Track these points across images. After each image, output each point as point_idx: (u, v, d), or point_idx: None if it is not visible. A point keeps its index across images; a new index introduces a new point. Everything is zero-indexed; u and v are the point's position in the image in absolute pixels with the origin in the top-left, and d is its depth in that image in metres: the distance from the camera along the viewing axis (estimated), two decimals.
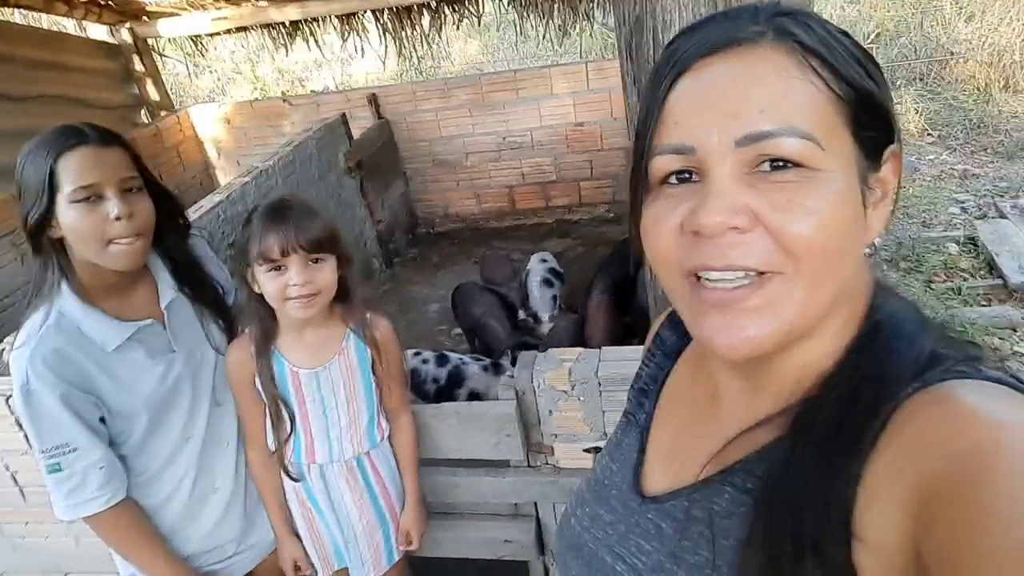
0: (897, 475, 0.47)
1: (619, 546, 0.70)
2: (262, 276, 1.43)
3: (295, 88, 9.92)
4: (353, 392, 1.59)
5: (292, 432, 1.58)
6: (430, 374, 3.04)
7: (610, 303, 3.56)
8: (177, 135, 5.42)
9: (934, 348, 0.54)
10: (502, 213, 5.65)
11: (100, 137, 1.35)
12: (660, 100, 0.57)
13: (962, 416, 0.47)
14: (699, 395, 0.72)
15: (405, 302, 4.77)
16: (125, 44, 5.37)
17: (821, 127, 0.52)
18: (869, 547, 0.48)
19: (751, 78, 0.53)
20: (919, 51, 7.44)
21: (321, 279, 1.44)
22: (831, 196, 0.52)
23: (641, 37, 1.29)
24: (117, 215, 1.32)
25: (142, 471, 1.52)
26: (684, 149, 0.55)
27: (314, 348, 1.55)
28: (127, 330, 1.44)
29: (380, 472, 1.69)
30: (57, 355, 1.35)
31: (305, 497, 1.65)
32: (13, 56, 4.42)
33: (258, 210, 1.46)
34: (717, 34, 0.55)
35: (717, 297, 0.55)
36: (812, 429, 0.54)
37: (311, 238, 1.40)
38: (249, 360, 1.54)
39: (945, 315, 3.49)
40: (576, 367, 1.70)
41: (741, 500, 0.58)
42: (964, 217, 4.57)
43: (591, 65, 4.97)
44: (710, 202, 0.53)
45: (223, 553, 1.67)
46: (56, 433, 1.37)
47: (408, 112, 5.34)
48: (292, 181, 3.97)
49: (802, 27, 0.54)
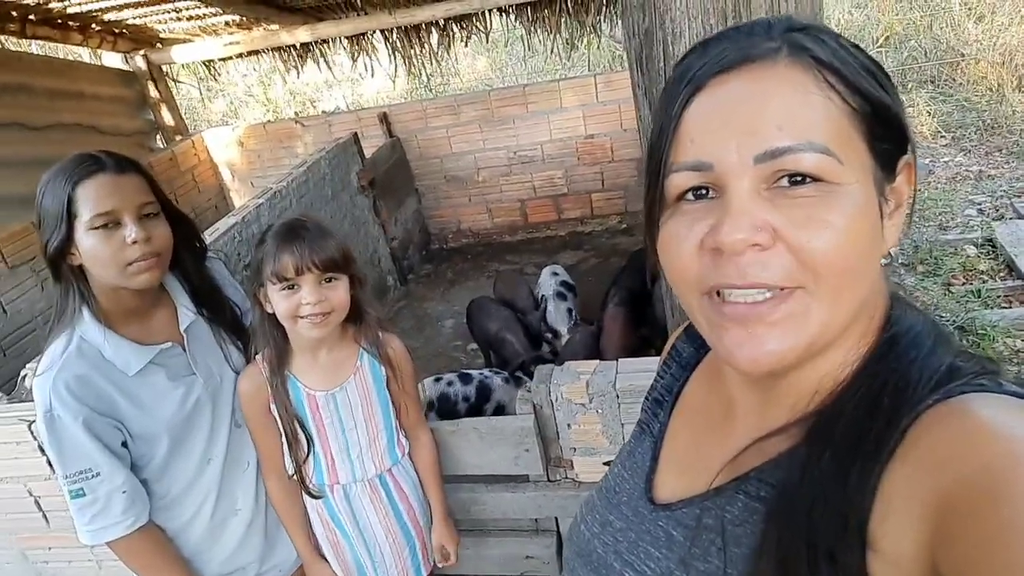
0: (915, 488, 0.47)
1: (628, 553, 0.69)
2: (275, 295, 1.43)
3: (307, 109, 10.03)
4: (371, 411, 1.59)
5: (310, 454, 1.58)
6: (460, 394, 3.04)
7: (626, 315, 3.54)
8: (192, 159, 5.50)
9: (952, 361, 0.54)
10: (515, 227, 5.66)
11: (117, 164, 1.37)
12: (675, 118, 0.57)
13: (980, 430, 0.46)
14: (714, 406, 0.72)
15: (420, 319, 4.78)
16: (140, 71, 5.47)
17: (838, 141, 0.52)
18: (884, 558, 0.47)
19: (768, 95, 0.53)
20: (929, 54, 7.41)
21: (334, 298, 1.44)
22: (850, 210, 0.52)
23: (651, 49, 1.29)
24: (134, 239, 1.34)
25: (164, 494, 1.53)
26: (702, 166, 0.55)
27: (328, 370, 1.56)
28: (148, 354, 1.45)
29: (403, 488, 1.69)
30: (79, 381, 1.36)
31: (328, 518, 1.65)
32: (31, 86, 4.52)
33: (272, 229, 1.46)
34: (731, 51, 0.55)
35: (739, 312, 0.55)
36: (830, 438, 0.54)
37: (325, 257, 1.41)
38: (263, 386, 1.54)
39: (966, 318, 3.44)
40: (593, 380, 1.70)
41: (754, 508, 0.58)
42: (981, 219, 4.53)
43: (600, 77, 4.99)
44: (731, 220, 0.53)
45: (245, 574, 1.67)
46: (79, 458, 1.38)
47: (419, 129, 5.38)
48: (306, 201, 4.01)
49: (816, 42, 0.55)
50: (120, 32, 5.19)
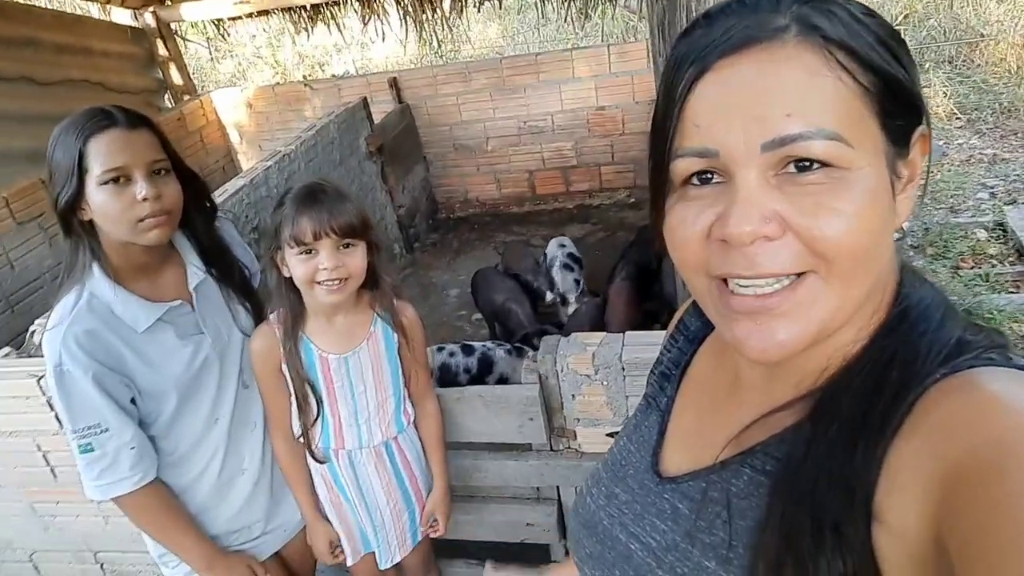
0: (922, 460, 0.47)
1: (634, 525, 0.70)
2: (292, 259, 1.43)
3: (315, 72, 9.93)
4: (380, 377, 1.60)
5: (319, 417, 1.59)
6: (461, 365, 3.06)
7: (631, 289, 3.54)
8: (200, 119, 5.46)
9: (961, 335, 0.53)
10: (522, 198, 5.64)
11: (128, 120, 1.36)
12: (679, 101, 0.55)
13: (988, 403, 0.46)
14: (721, 380, 0.72)
15: (425, 287, 4.78)
16: (149, 28, 5.41)
17: (849, 124, 0.51)
18: (890, 529, 0.47)
19: (776, 78, 0.51)
20: (948, 33, 7.28)
21: (352, 264, 1.44)
22: (860, 195, 0.51)
23: (674, 14, 1.26)
24: (144, 196, 1.33)
25: (171, 451, 1.54)
26: (707, 152, 0.54)
27: (343, 334, 1.56)
28: (157, 311, 1.45)
29: (407, 456, 1.70)
30: (89, 336, 1.37)
31: (332, 482, 1.67)
32: (39, 40, 4.47)
33: (291, 193, 1.45)
34: (738, 29, 0.53)
35: (747, 304, 0.54)
36: (837, 411, 0.54)
37: (344, 223, 1.40)
38: (275, 347, 1.54)
39: (973, 302, 3.43)
40: (599, 351, 1.70)
41: (760, 482, 0.58)
42: (993, 202, 4.49)
43: (613, 48, 4.93)
44: (738, 210, 0.52)
45: (250, 533, 1.69)
46: (88, 413, 1.39)
47: (429, 96, 5.33)
48: (314, 165, 3.99)
49: (826, 16, 0.52)
50: None
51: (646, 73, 4.85)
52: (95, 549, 2.31)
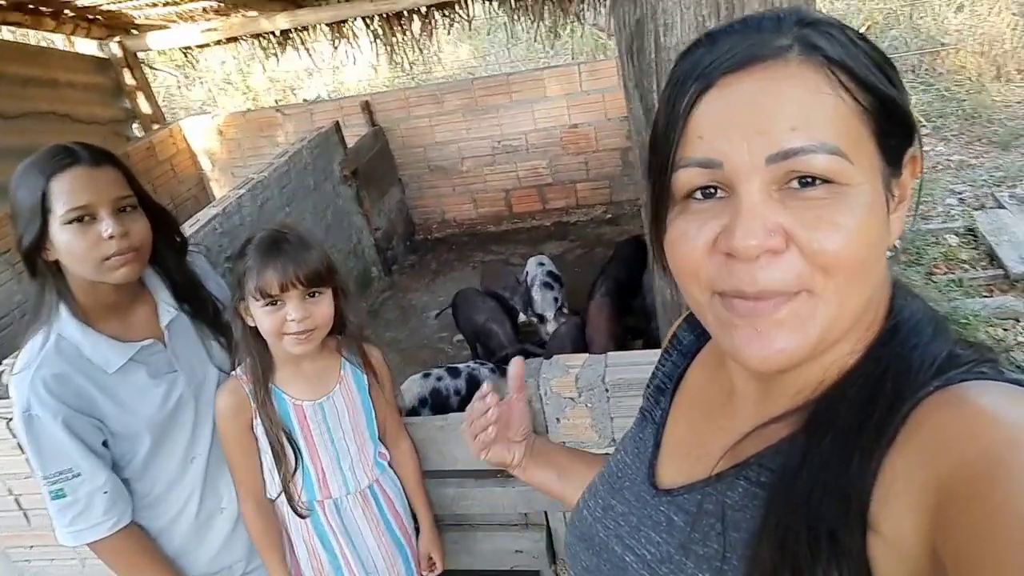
0: (915, 473, 0.47)
1: (629, 537, 0.70)
2: (258, 311, 1.38)
3: (287, 97, 9.90)
4: (357, 419, 1.57)
5: (298, 468, 1.53)
6: (451, 388, 3.03)
7: (611, 305, 3.54)
8: (170, 148, 5.40)
9: (952, 349, 0.54)
10: (499, 217, 5.63)
11: (92, 156, 1.33)
12: (683, 115, 0.56)
13: (980, 417, 0.47)
14: (715, 393, 0.72)
15: (405, 310, 4.75)
16: (115, 58, 5.35)
17: (849, 141, 0.52)
18: (885, 540, 0.48)
19: (780, 95, 0.52)
20: (909, 43, 7.44)
21: (319, 312, 1.40)
22: (859, 211, 0.52)
23: (642, 40, 1.27)
24: (110, 234, 1.30)
25: (146, 493, 1.50)
26: (711, 164, 0.54)
27: (313, 379, 1.52)
28: (128, 351, 1.41)
29: (391, 497, 1.68)
30: (58, 380, 1.33)
31: (316, 542, 1.60)
32: (2, 73, 4.41)
33: (252, 243, 1.41)
34: (741, 48, 0.54)
35: (747, 307, 0.54)
36: (832, 422, 0.54)
37: (309, 272, 1.36)
38: (245, 402, 1.48)
39: (948, 307, 3.48)
40: (582, 373, 1.69)
41: (754, 493, 0.59)
42: (962, 208, 4.57)
43: (584, 66, 4.97)
44: (743, 224, 0.52)
45: (231, 574, 1.64)
46: (59, 458, 1.34)
47: (402, 119, 5.32)
48: (288, 191, 3.95)
49: (826, 38, 0.54)
50: (94, 18, 5.07)
51: (617, 90, 4.89)
52: None
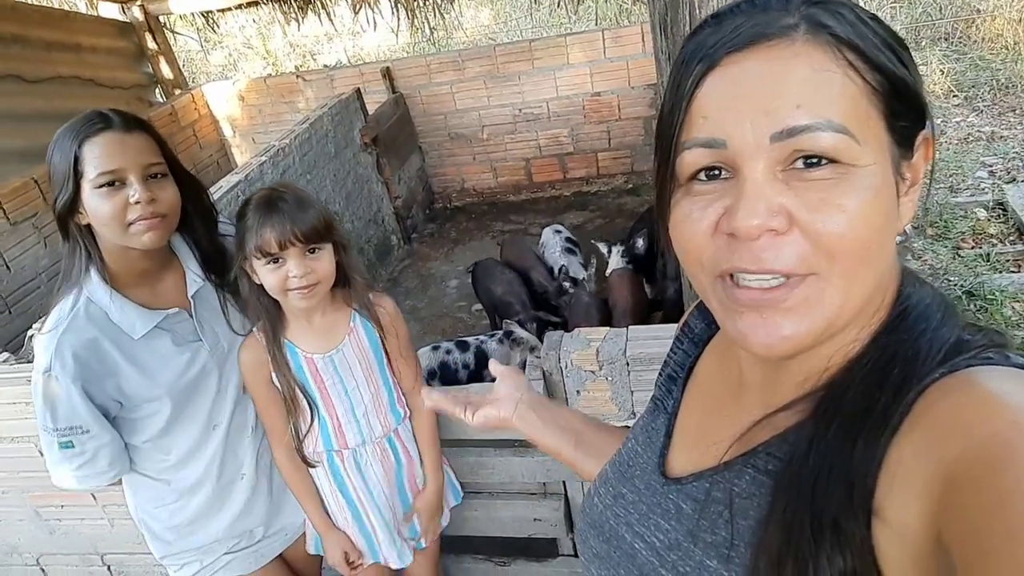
0: (920, 459, 0.47)
1: (639, 524, 0.71)
2: (261, 269, 1.43)
3: (307, 62, 9.85)
4: (369, 370, 1.59)
5: (314, 420, 1.58)
6: (459, 362, 3.05)
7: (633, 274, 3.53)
8: (192, 114, 5.41)
9: (961, 334, 0.54)
10: (519, 186, 5.61)
11: (124, 122, 1.34)
12: (687, 96, 0.55)
13: (986, 401, 0.46)
14: (725, 381, 0.72)
15: (424, 278, 4.77)
16: (137, 22, 5.34)
17: (856, 121, 0.51)
18: (890, 527, 0.48)
19: (785, 73, 0.51)
20: (944, 10, 7.23)
21: (320, 268, 1.43)
22: (865, 193, 0.51)
23: (676, 12, 1.24)
24: (137, 199, 1.31)
25: (166, 456, 1.54)
26: (715, 143, 0.54)
27: (324, 333, 1.56)
28: (154, 318, 1.44)
29: (410, 451, 1.70)
30: (84, 346, 1.36)
31: (336, 488, 1.66)
32: (27, 38, 4.42)
33: (251, 203, 1.44)
34: (746, 27, 0.53)
35: (752, 297, 0.54)
36: (838, 408, 0.54)
37: (307, 229, 1.39)
38: (263, 358, 1.53)
39: (975, 282, 3.43)
40: (604, 347, 1.69)
41: (762, 481, 0.59)
42: (992, 181, 4.47)
43: (608, 33, 4.88)
44: (746, 204, 0.52)
45: (252, 538, 1.69)
46: (72, 417, 1.39)
47: (422, 85, 5.28)
48: (309, 159, 3.96)
49: (834, 17, 0.52)
50: None
51: (641, 57, 4.81)
52: (102, 552, 2.31)
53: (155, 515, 1.61)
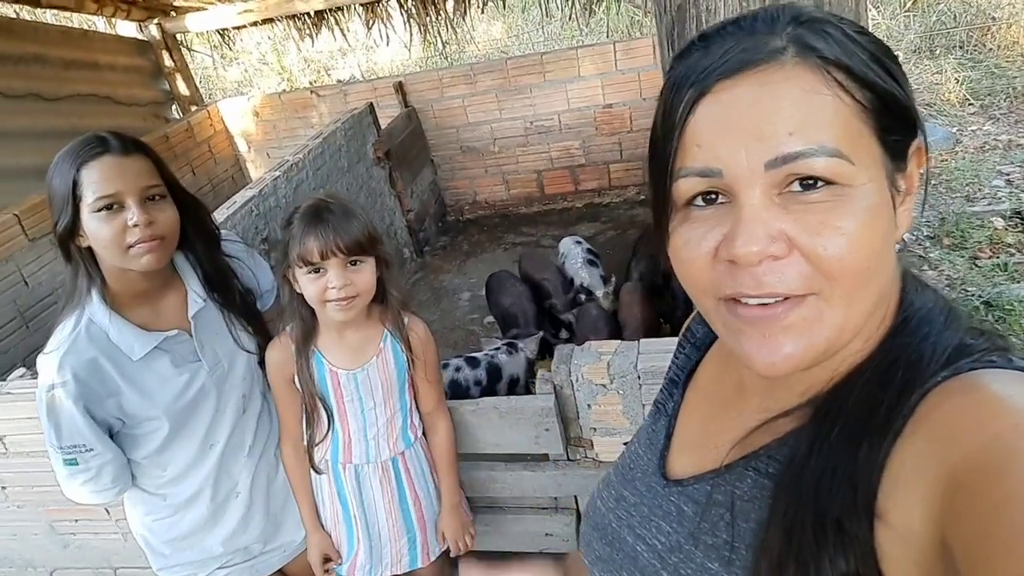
0: (924, 462, 0.47)
1: (640, 527, 0.71)
2: (302, 278, 1.44)
3: (321, 77, 9.94)
4: (390, 393, 1.59)
5: (330, 431, 1.58)
6: (470, 379, 3.03)
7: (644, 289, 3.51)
8: (208, 130, 5.47)
9: (963, 338, 0.54)
10: (531, 199, 5.61)
11: (122, 146, 1.36)
12: (680, 123, 0.55)
13: (989, 405, 0.46)
14: (726, 385, 0.73)
15: (437, 291, 4.77)
16: (154, 40, 5.42)
17: (849, 141, 0.51)
18: (893, 529, 0.48)
19: (776, 98, 0.52)
20: (959, 17, 7.18)
21: (360, 281, 1.44)
22: (863, 212, 0.52)
23: (683, 26, 1.25)
24: (135, 222, 1.33)
25: (162, 473, 1.56)
26: (710, 172, 0.54)
27: (354, 349, 1.56)
28: (152, 340, 1.46)
29: (412, 475, 1.70)
30: (88, 367, 1.38)
31: (335, 495, 1.67)
32: (46, 57, 4.49)
33: (298, 211, 1.46)
34: (735, 52, 0.54)
35: (754, 315, 0.54)
36: (841, 411, 0.55)
37: (350, 241, 1.40)
38: (289, 359, 1.56)
39: (992, 292, 3.38)
40: (614, 360, 1.68)
41: (763, 484, 0.59)
42: (1009, 190, 4.42)
43: (619, 45, 4.89)
44: (744, 231, 0.52)
45: (248, 554, 1.71)
46: (75, 436, 1.41)
47: (435, 99, 5.31)
48: (322, 173, 3.98)
49: (821, 37, 0.53)
50: (134, 0, 5.14)
51: (653, 69, 4.81)
52: (115, 565, 2.32)
53: (152, 528, 1.63)
